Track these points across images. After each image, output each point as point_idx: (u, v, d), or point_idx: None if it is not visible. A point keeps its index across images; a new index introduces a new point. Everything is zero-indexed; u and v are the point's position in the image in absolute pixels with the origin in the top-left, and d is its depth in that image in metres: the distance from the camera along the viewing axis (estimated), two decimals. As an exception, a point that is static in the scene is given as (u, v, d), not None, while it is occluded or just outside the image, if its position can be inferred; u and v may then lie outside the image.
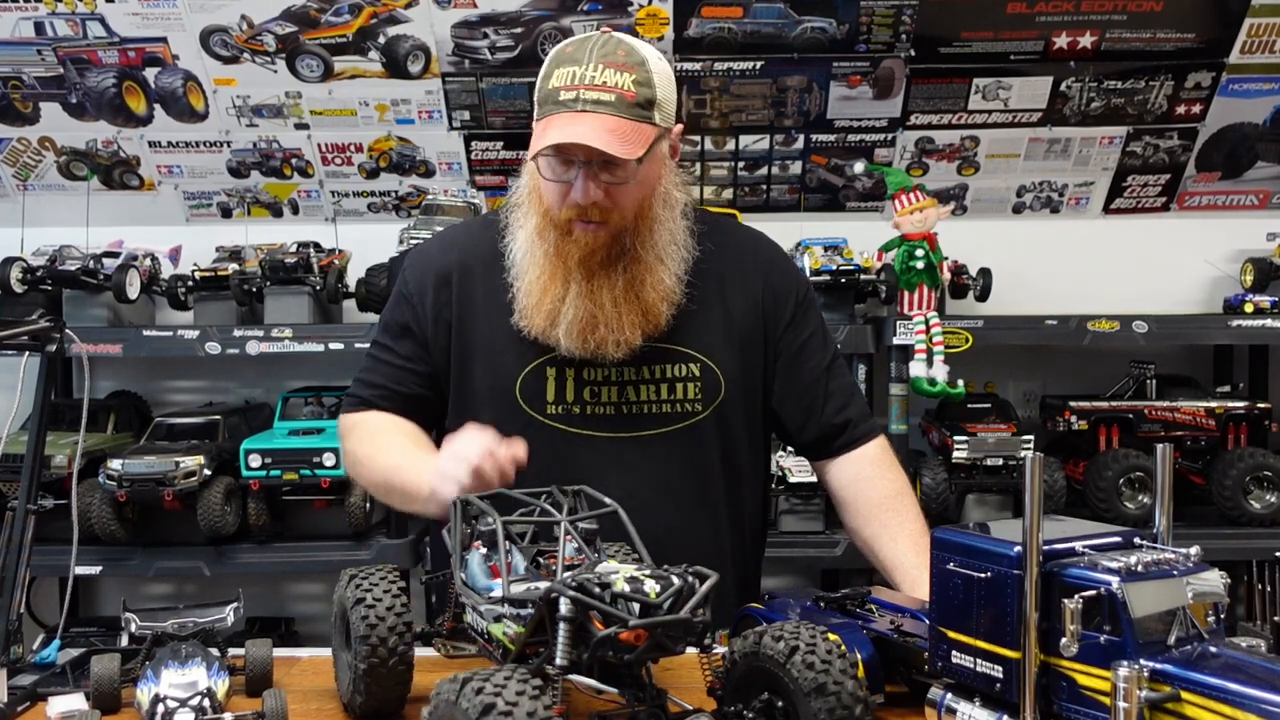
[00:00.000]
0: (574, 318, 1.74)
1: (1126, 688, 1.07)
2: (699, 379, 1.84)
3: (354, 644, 1.40)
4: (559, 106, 1.67)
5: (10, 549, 1.55)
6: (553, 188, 1.73)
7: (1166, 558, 1.17)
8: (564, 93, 1.67)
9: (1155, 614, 1.11)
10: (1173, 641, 1.12)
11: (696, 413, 1.84)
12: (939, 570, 1.26)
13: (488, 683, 1.00)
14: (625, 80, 1.66)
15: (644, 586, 1.14)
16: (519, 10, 3.01)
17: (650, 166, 1.73)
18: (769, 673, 1.19)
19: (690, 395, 1.83)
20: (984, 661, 1.21)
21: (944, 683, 1.29)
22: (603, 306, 1.74)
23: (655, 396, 1.83)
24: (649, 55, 1.71)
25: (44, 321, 1.63)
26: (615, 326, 1.74)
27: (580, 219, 1.73)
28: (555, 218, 1.75)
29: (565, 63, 1.69)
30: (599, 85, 1.65)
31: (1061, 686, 1.16)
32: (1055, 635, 1.14)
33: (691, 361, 1.83)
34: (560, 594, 1.13)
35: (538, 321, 1.76)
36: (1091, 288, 3.33)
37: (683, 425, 1.84)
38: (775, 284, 1.93)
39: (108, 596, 3.47)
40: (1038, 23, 3.05)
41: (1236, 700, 1.03)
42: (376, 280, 3.06)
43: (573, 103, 1.66)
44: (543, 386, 1.82)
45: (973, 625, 1.22)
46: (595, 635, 1.12)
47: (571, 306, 1.74)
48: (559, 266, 1.75)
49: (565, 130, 1.64)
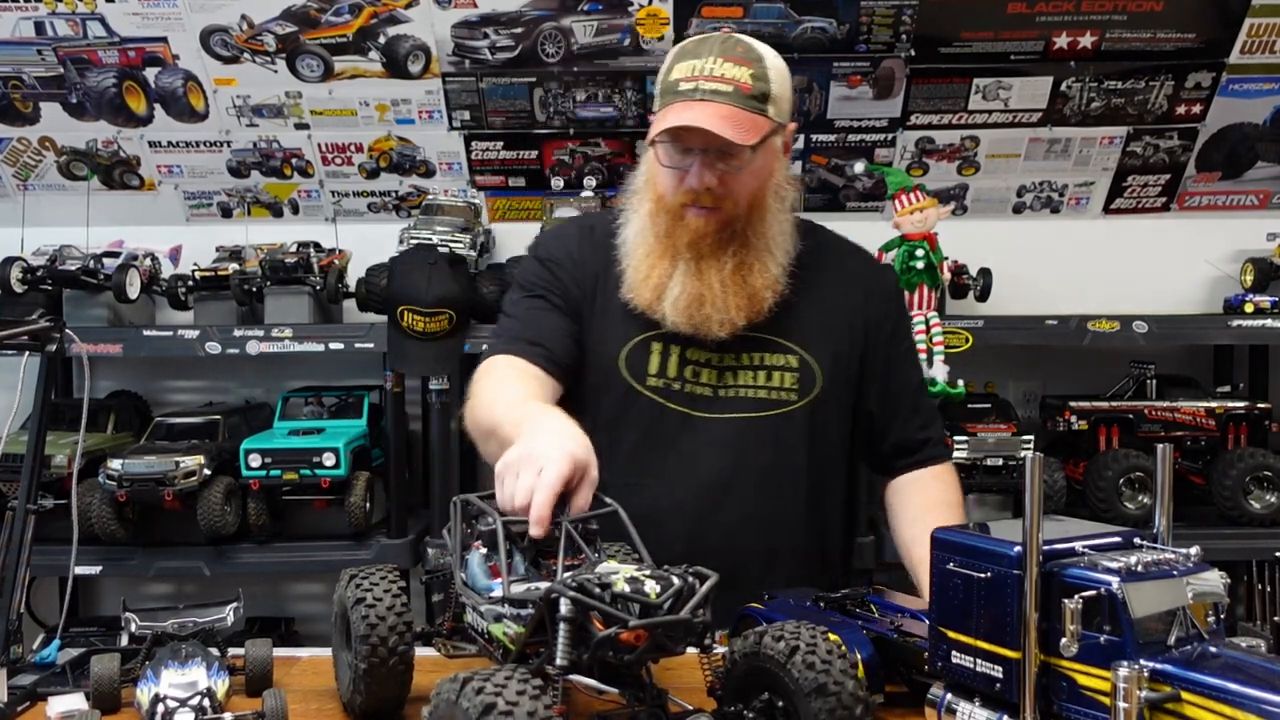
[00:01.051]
0: (679, 294, 1.80)
1: (1126, 688, 1.07)
2: (796, 370, 1.87)
3: (354, 644, 1.40)
4: (677, 96, 1.75)
5: (10, 549, 1.55)
6: (669, 173, 1.80)
7: (1166, 558, 1.17)
8: (683, 83, 1.75)
9: (1155, 614, 1.11)
10: (1173, 642, 1.12)
11: (790, 402, 1.87)
12: (939, 570, 1.26)
13: (488, 682, 1.00)
14: (742, 73, 1.73)
15: (644, 587, 1.14)
16: (519, 10, 3.01)
17: (764, 158, 1.79)
18: (769, 673, 1.19)
19: (787, 384, 1.87)
20: (984, 661, 1.21)
21: (944, 683, 1.29)
22: (710, 286, 1.79)
23: (752, 382, 1.87)
24: (766, 54, 1.78)
25: (44, 321, 1.63)
26: (720, 306, 1.79)
27: (693, 204, 1.79)
28: (668, 203, 1.81)
29: (686, 57, 1.77)
30: (717, 77, 1.73)
31: (1061, 686, 1.16)
32: (1055, 635, 1.14)
33: (790, 353, 1.87)
34: (560, 594, 1.13)
35: (644, 295, 1.83)
36: (1091, 288, 3.33)
37: (775, 413, 1.87)
38: (880, 293, 1.98)
39: (108, 596, 3.47)
40: (1038, 23, 3.05)
41: (1237, 700, 1.03)
42: (377, 280, 3.06)
43: (691, 92, 1.74)
44: (646, 359, 1.87)
45: (973, 625, 1.22)
46: (595, 635, 1.12)
47: (678, 284, 1.80)
48: (668, 247, 1.82)
49: (682, 115, 1.71)
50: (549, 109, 3.21)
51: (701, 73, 1.73)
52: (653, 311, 1.83)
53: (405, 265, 2.96)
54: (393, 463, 3.08)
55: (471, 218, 3.19)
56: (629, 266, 1.86)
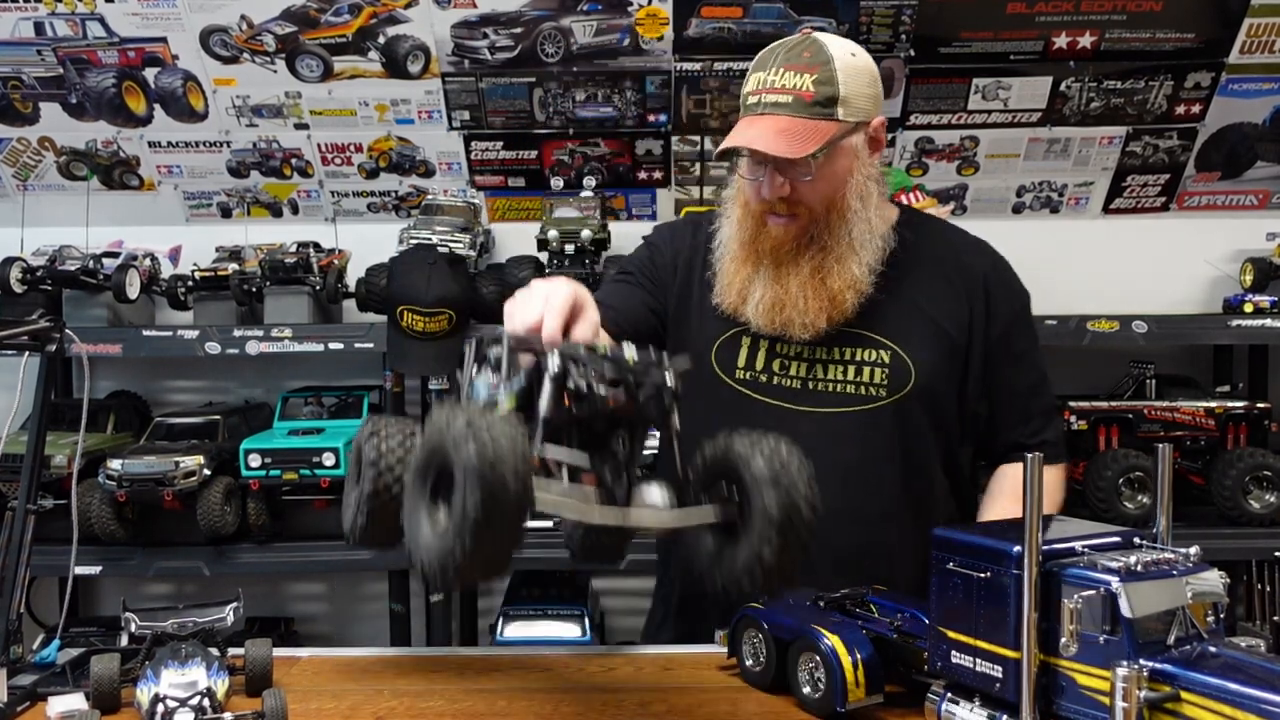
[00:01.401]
0: (761, 297, 1.85)
1: (1126, 687, 1.07)
2: (887, 365, 1.87)
3: (362, 469, 1.44)
4: (746, 110, 1.82)
5: (10, 549, 1.55)
6: (748, 184, 1.86)
7: (1166, 558, 1.17)
8: (750, 97, 1.81)
9: (1155, 614, 1.11)
10: (1172, 641, 1.12)
11: (880, 398, 1.87)
12: (939, 570, 1.26)
13: (471, 413, 1.08)
14: (805, 81, 1.77)
15: (623, 352, 1.24)
16: (519, 10, 3.01)
17: (838, 161, 1.82)
18: (734, 467, 1.28)
19: (876, 380, 1.87)
20: (983, 661, 1.21)
21: (943, 683, 1.29)
22: (789, 291, 1.83)
23: (841, 376, 1.88)
24: (837, 53, 1.80)
25: (44, 321, 1.63)
26: (801, 310, 1.83)
27: (770, 212, 1.84)
28: (751, 210, 1.88)
29: (757, 68, 1.83)
30: (778, 89, 1.78)
31: (1061, 686, 1.16)
32: (1055, 635, 1.15)
33: (882, 348, 1.88)
34: (547, 352, 1.21)
35: (730, 298, 1.89)
36: (1091, 288, 3.33)
37: (863, 408, 1.87)
38: (987, 291, 1.95)
39: (108, 596, 3.47)
40: (1037, 23, 3.05)
41: (1236, 700, 1.03)
42: (376, 280, 3.06)
43: (755, 106, 1.80)
44: (735, 353, 1.92)
45: (972, 625, 1.22)
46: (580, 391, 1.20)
47: (759, 289, 1.85)
48: (751, 252, 1.87)
49: (739, 135, 1.79)
50: (548, 109, 3.21)
51: (765, 85, 1.79)
52: (738, 314, 1.88)
53: (405, 265, 2.96)
54: (392, 463, 3.07)
55: (471, 218, 3.19)
56: (719, 270, 1.92)
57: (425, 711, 1.52)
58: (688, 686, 1.59)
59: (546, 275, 2.78)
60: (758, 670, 1.57)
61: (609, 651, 1.84)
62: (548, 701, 1.54)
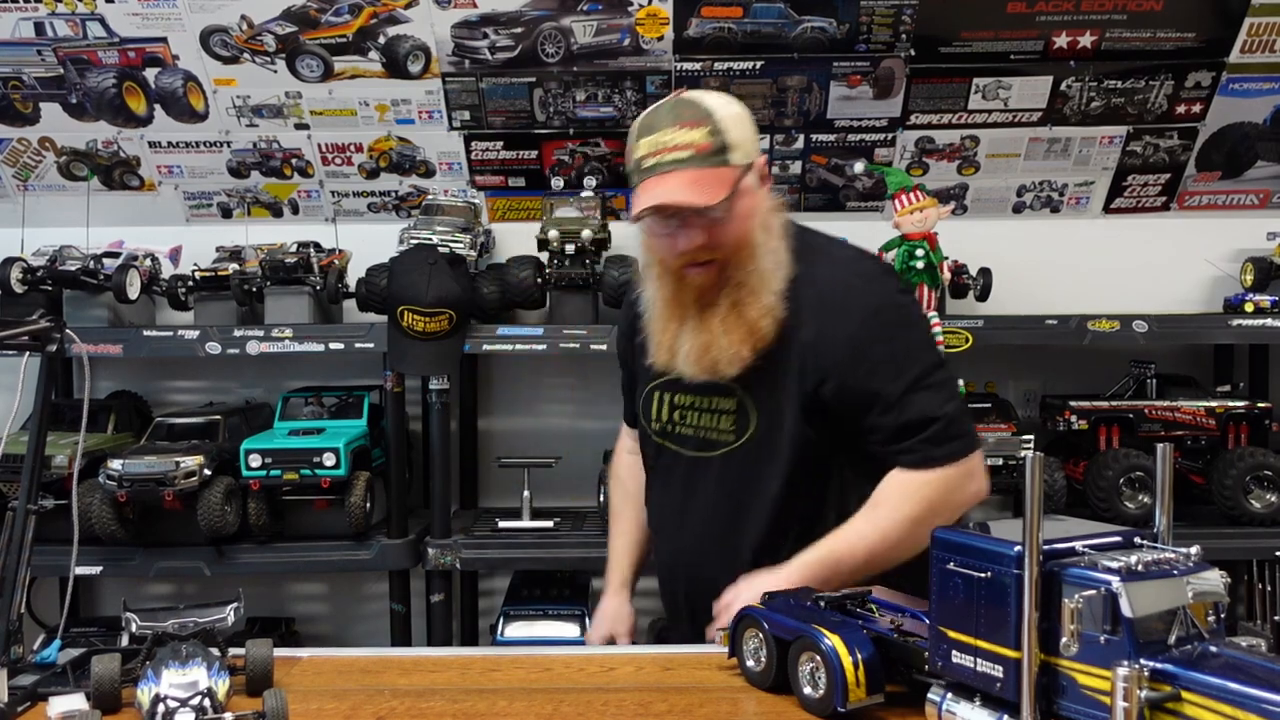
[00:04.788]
0: (689, 348, 1.91)
1: (1126, 687, 1.07)
2: (733, 412, 1.95)
3: None
4: (645, 174, 1.85)
5: (10, 549, 1.55)
6: (663, 242, 1.90)
7: (1167, 557, 1.17)
8: (646, 160, 1.85)
9: (1155, 613, 1.11)
10: (1173, 641, 1.12)
11: (728, 443, 1.95)
12: (939, 570, 1.26)
13: None
14: (697, 135, 1.82)
15: None
16: (519, 10, 3.01)
17: (742, 200, 1.86)
18: None
19: (724, 426, 1.96)
20: (984, 661, 1.21)
21: (944, 683, 1.29)
22: (712, 331, 1.89)
23: (705, 424, 1.99)
24: (716, 106, 1.86)
25: (44, 321, 1.63)
26: (724, 346, 1.88)
27: (689, 264, 1.89)
28: (670, 266, 1.93)
29: (645, 133, 1.86)
30: (675, 146, 1.82)
31: (1062, 686, 1.16)
32: (1055, 635, 1.14)
33: (730, 395, 1.94)
34: None
35: (662, 357, 1.97)
36: (1091, 287, 3.33)
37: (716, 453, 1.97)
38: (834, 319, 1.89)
39: (108, 596, 3.47)
40: (1038, 22, 3.05)
41: (1237, 700, 1.03)
42: (376, 280, 3.06)
43: (654, 168, 1.83)
44: (650, 406, 2.08)
45: (973, 625, 1.22)
46: None
47: (687, 339, 1.92)
48: (675, 307, 1.94)
49: (651, 194, 1.82)
50: (549, 109, 3.21)
51: (660, 146, 1.83)
52: (671, 370, 1.96)
53: (405, 265, 2.96)
54: (393, 463, 3.08)
55: (471, 218, 3.19)
56: (649, 331, 2.00)
57: (425, 711, 1.52)
58: (688, 686, 1.59)
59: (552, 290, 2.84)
60: (758, 670, 1.57)
61: (609, 651, 1.84)
62: (548, 701, 1.54)
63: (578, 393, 3.54)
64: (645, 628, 2.91)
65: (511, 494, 3.21)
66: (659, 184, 1.82)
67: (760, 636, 1.57)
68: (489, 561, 3.09)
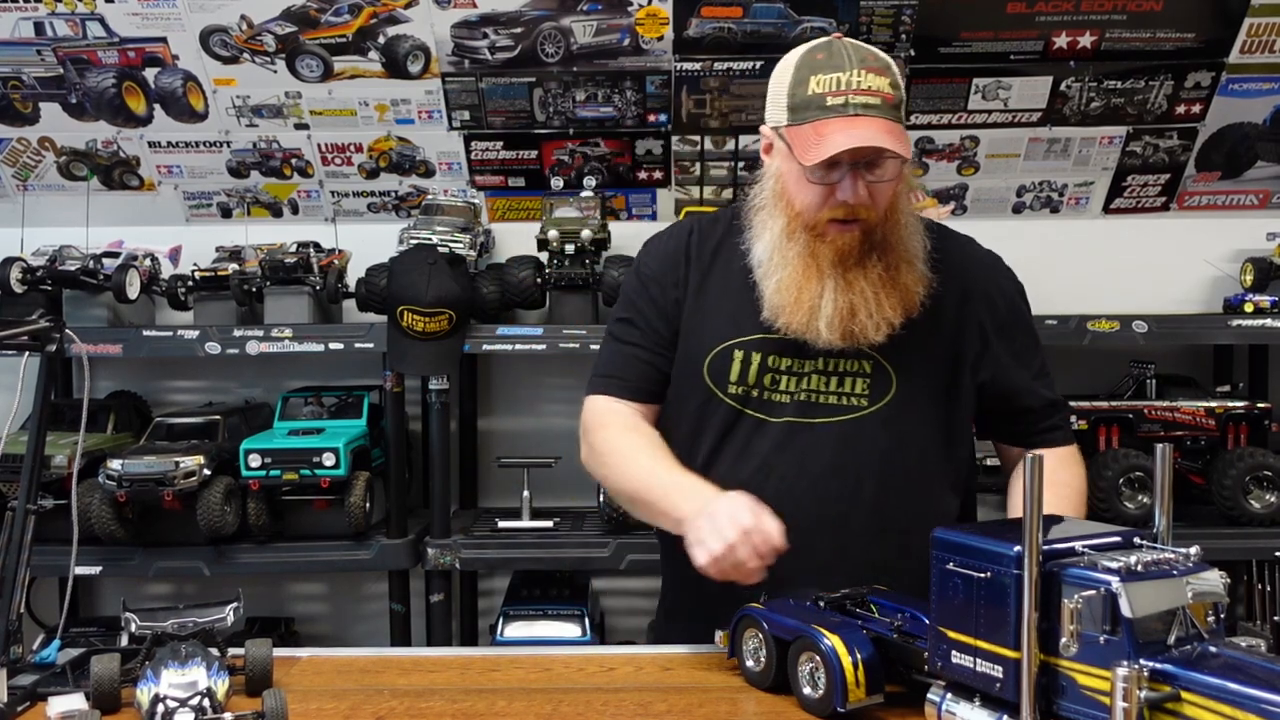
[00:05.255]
0: (833, 311, 1.79)
1: (1126, 687, 1.07)
2: (869, 375, 1.87)
3: None
4: (828, 112, 1.73)
5: (10, 549, 1.55)
6: (815, 190, 1.79)
7: (1166, 558, 1.17)
8: (830, 98, 1.73)
9: (1155, 614, 1.11)
10: (1173, 641, 1.12)
11: (861, 408, 1.87)
12: (939, 570, 1.26)
13: None
14: (884, 83, 1.75)
15: None
16: (519, 10, 3.01)
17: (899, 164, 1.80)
18: None
19: (858, 390, 1.87)
20: (984, 661, 1.21)
21: (943, 683, 1.29)
22: (862, 293, 1.79)
23: (824, 387, 1.87)
24: (889, 59, 1.80)
25: (44, 321, 1.63)
26: (875, 310, 1.79)
27: (837, 220, 1.79)
28: (808, 220, 1.81)
29: (822, 69, 1.75)
30: (865, 89, 1.72)
31: (1061, 686, 1.16)
32: (1055, 635, 1.15)
33: (864, 358, 1.86)
34: None
35: (797, 318, 1.81)
36: (1091, 288, 3.33)
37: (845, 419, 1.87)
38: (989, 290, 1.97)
39: (108, 596, 3.47)
40: (1037, 22, 3.05)
41: (1237, 700, 1.03)
42: (376, 280, 3.06)
43: (843, 107, 1.72)
44: (727, 367, 1.89)
45: (973, 625, 1.22)
46: None
47: (830, 301, 1.79)
48: (812, 266, 1.80)
49: (850, 134, 1.70)
50: (549, 109, 3.21)
51: (849, 86, 1.72)
52: (805, 332, 1.82)
53: (405, 265, 2.96)
54: (393, 463, 3.08)
55: (471, 218, 3.19)
56: (769, 290, 1.84)
57: (425, 711, 1.52)
58: (688, 686, 1.59)
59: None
60: (758, 671, 1.57)
61: (609, 651, 1.84)
62: (548, 701, 1.54)
63: (578, 393, 3.50)
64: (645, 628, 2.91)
65: (511, 494, 3.21)
66: (852, 125, 1.71)
67: (760, 636, 1.57)
68: (489, 561, 3.09)
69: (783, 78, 1.82)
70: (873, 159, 1.75)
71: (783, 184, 1.85)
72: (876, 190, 1.78)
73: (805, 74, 1.77)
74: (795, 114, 1.78)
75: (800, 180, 1.80)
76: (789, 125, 1.79)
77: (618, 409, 2.00)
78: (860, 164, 1.75)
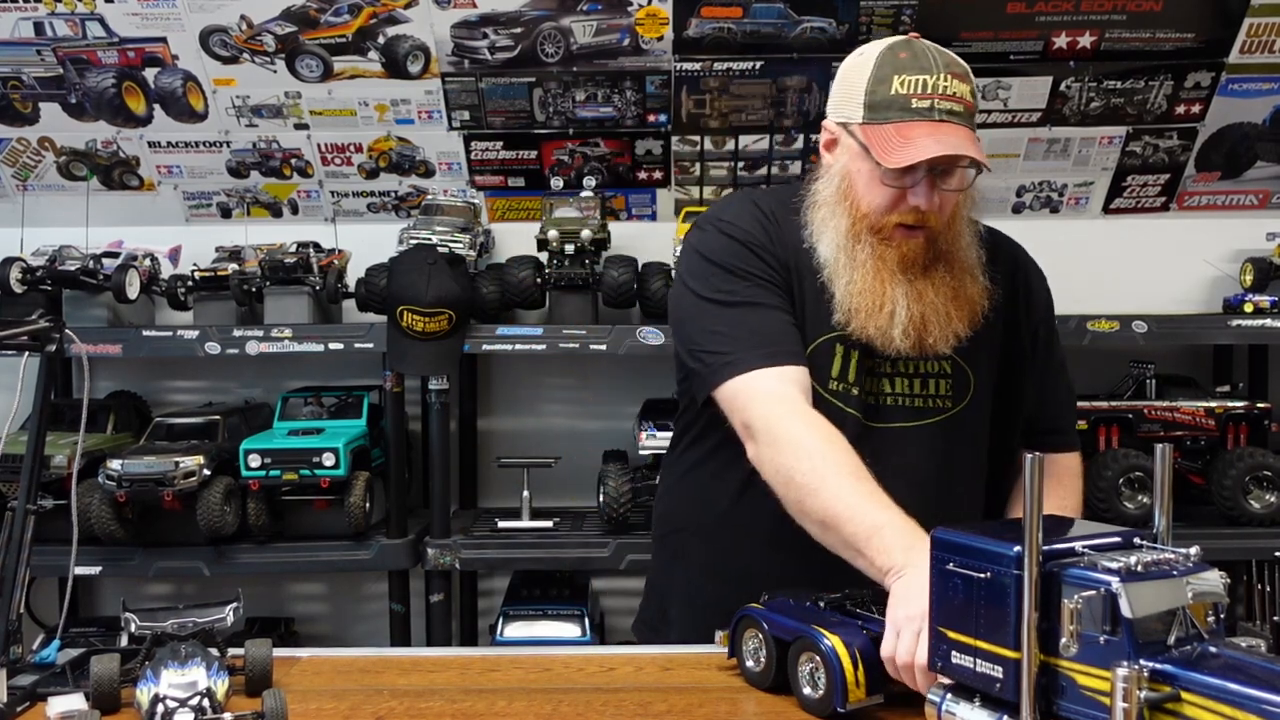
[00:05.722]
0: (907, 320, 1.75)
1: (1126, 688, 1.07)
2: (950, 376, 1.86)
3: None
4: (913, 114, 1.69)
5: (10, 549, 1.55)
6: (887, 193, 1.74)
7: (1166, 558, 1.17)
8: (916, 101, 1.69)
9: (1155, 614, 1.11)
10: (1173, 641, 1.12)
11: (945, 409, 1.86)
12: (939, 570, 1.27)
13: None
14: (966, 90, 1.72)
15: None
16: (519, 10, 3.01)
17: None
18: None
19: (941, 391, 1.86)
20: (984, 662, 1.21)
21: (943, 683, 1.29)
22: (932, 305, 1.76)
23: (907, 390, 1.85)
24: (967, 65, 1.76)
25: (44, 321, 1.63)
26: (944, 323, 1.77)
27: (905, 225, 1.76)
28: (875, 222, 1.76)
29: (907, 69, 1.70)
30: (950, 95, 1.69)
31: (1061, 687, 1.16)
32: (1055, 635, 1.15)
33: (942, 359, 1.85)
34: None
35: (873, 323, 1.76)
36: (1091, 288, 3.32)
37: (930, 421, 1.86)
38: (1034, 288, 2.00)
39: (107, 596, 3.47)
40: (1037, 23, 3.05)
41: (1237, 700, 1.03)
42: (376, 280, 3.06)
43: (928, 112, 1.68)
44: (829, 362, 1.82)
45: (973, 625, 1.22)
46: None
47: (904, 309, 1.75)
48: (883, 270, 1.76)
49: (939, 140, 1.67)
50: (548, 109, 3.21)
51: (935, 90, 1.69)
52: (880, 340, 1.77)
53: (405, 265, 2.96)
54: (392, 463, 3.08)
55: (471, 218, 3.19)
56: (839, 289, 1.78)
57: (425, 711, 1.52)
58: (688, 686, 1.59)
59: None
60: (758, 671, 1.57)
61: (609, 651, 1.84)
62: (548, 701, 1.54)
63: (577, 393, 3.54)
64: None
65: (511, 494, 3.21)
66: (938, 131, 1.68)
67: (760, 637, 1.57)
68: (488, 561, 3.09)
69: (859, 73, 1.75)
70: (948, 167, 1.72)
71: (850, 183, 1.79)
72: (945, 199, 1.76)
73: (888, 72, 1.71)
74: (874, 112, 1.72)
75: (871, 181, 1.75)
76: (865, 123, 1.73)
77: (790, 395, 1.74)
78: (936, 170, 1.72)
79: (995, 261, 1.90)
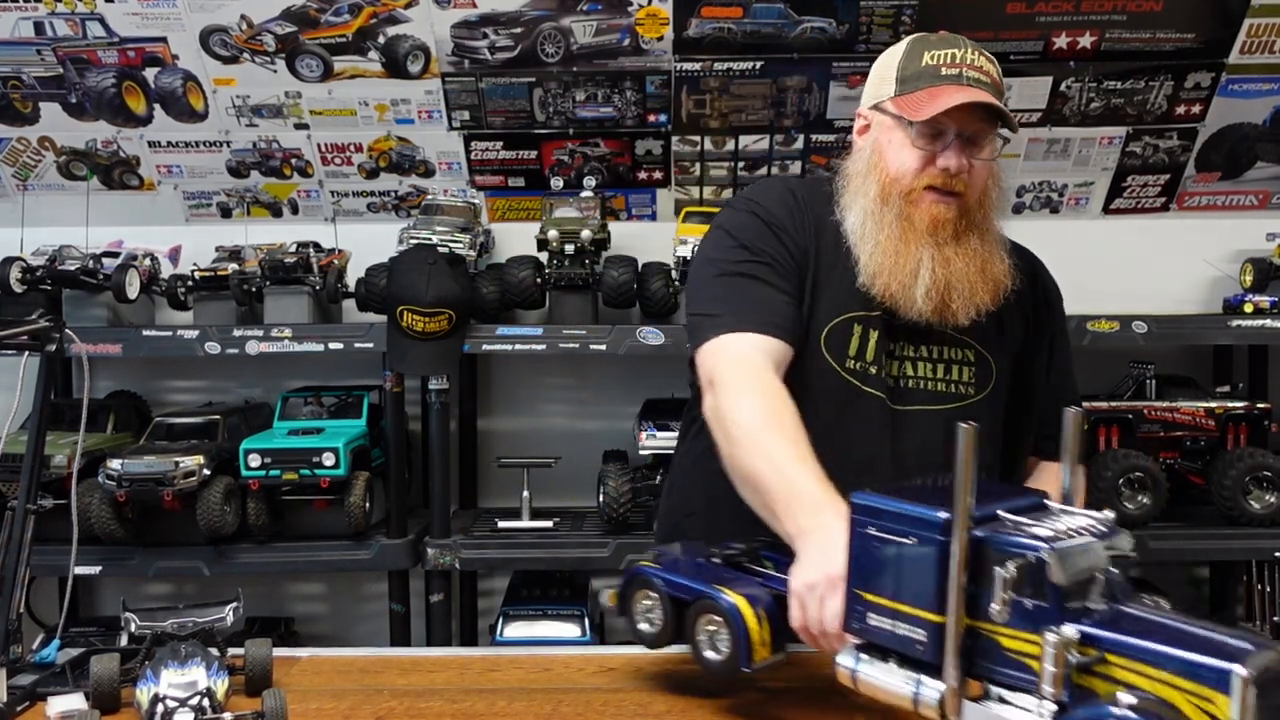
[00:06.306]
0: (931, 282, 1.76)
1: (1056, 653, 1.07)
2: (973, 364, 1.88)
3: None
4: (941, 80, 1.76)
5: (10, 549, 1.55)
6: (915, 155, 1.77)
7: (1083, 522, 1.18)
8: (945, 69, 1.77)
9: (1079, 578, 1.12)
10: (1093, 604, 1.13)
11: (969, 396, 1.87)
12: (858, 534, 1.25)
13: None
14: (994, 70, 1.81)
15: None
16: (519, 10, 3.01)
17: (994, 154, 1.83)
18: None
19: (964, 378, 1.87)
20: (904, 624, 1.20)
21: (855, 644, 1.27)
22: (960, 274, 1.78)
23: (932, 374, 1.86)
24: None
25: (44, 321, 1.63)
26: (969, 294, 1.78)
27: (935, 188, 1.78)
28: (904, 185, 1.78)
29: (937, 45, 1.79)
30: (978, 67, 1.78)
31: (984, 648, 1.16)
32: (979, 599, 1.14)
33: (966, 346, 1.87)
34: None
35: (895, 282, 1.76)
36: (1091, 288, 3.31)
37: (954, 406, 1.86)
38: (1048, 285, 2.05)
39: (107, 596, 3.47)
40: (1037, 23, 3.05)
41: (1156, 660, 1.05)
42: (376, 280, 3.06)
43: (957, 77, 1.75)
44: (847, 341, 1.82)
45: (892, 589, 1.21)
46: None
47: (928, 271, 1.76)
48: (910, 230, 1.77)
49: (966, 94, 1.72)
50: (548, 109, 3.21)
51: (963, 61, 1.76)
52: (899, 299, 1.77)
53: (405, 265, 2.96)
54: (392, 463, 3.08)
55: (471, 218, 3.19)
56: (865, 254, 1.79)
57: (425, 711, 1.52)
58: (688, 686, 1.59)
59: None
60: (653, 633, 1.53)
61: (609, 651, 1.84)
62: (548, 701, 1.54)
63: (577, 393, 3.54)
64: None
65: (511, 494, 3.22)
66: (966, 90, 1.74)
67: (655, 597, 1.52)
68: (488, 561, 3.09)
69: (890, 58, 1.84)
70: (975, 136, 1.77)
71: (879, 153, 1.82)
72: (978, 168, 1.80)
73: (919, 49, 1.80)
74: (906, 84, 1.79)
75: (901, 145, 1.79)
76: (897, 95, 1.79)
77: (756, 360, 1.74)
78: (963, 137, 1.76)
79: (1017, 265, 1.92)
